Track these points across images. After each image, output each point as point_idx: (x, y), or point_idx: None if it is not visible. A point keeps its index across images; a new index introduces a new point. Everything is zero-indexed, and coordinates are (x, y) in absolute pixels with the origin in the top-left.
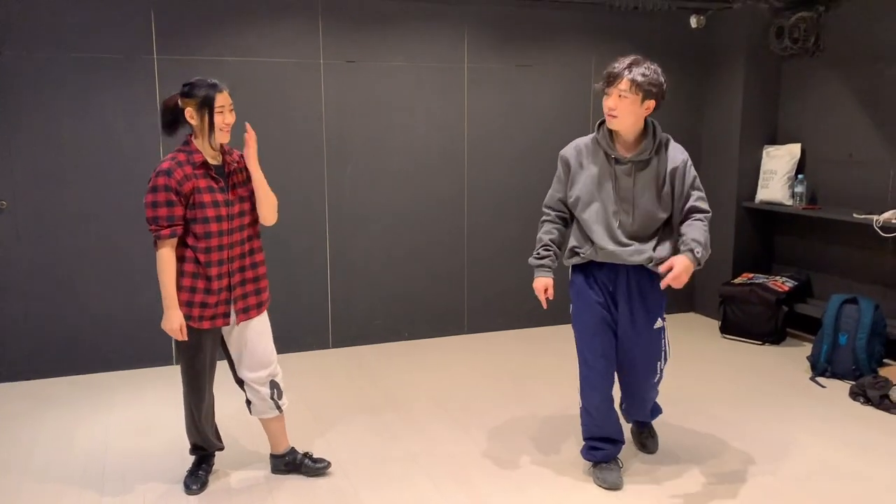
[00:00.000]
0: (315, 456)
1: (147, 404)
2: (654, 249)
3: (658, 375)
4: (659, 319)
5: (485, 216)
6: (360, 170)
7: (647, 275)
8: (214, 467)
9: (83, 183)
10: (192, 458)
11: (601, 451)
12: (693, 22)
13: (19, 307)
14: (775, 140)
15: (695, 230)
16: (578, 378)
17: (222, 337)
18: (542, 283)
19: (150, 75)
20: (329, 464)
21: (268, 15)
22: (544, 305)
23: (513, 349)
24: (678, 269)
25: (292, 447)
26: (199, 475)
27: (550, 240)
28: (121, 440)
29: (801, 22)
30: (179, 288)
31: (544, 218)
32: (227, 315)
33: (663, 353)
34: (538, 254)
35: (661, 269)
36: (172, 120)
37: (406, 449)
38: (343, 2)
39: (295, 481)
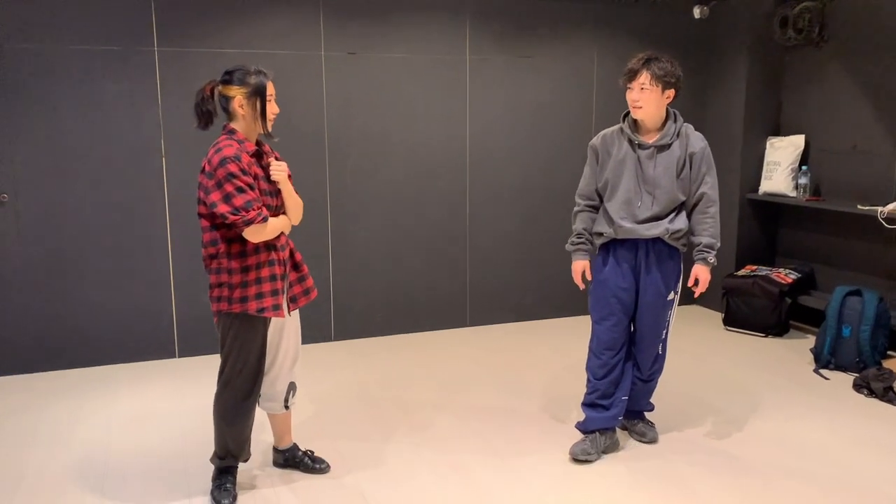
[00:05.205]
0: (315, 455)
1: (149, 397)
2: (671, 222)
3: (662, 344)
4: (672, 292)
5: (486, 208)
6: (362, 162)
7: (664, 246)
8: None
9: (84, 175)
10: (211, 467)
11: (586, 419)
12: (696, 13)
13: (20, 300)
14: (779, 131)
15: (706, 233)
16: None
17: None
18: (580, 266)
19: (151, 67)
20: (328, 466)
21: (268, 6)
22: (581, 286)
23: (514, 342)
24: (703, 283)
25: (295, 444)
26: (228, 488)
27: (584, 228)
28: (123, 433)
29: (806, 12)
30: (247, 283)
31: (576, 209)
32: (284, 305)
33: (667, 324)
34: (573, 241)
35: (689, 284)
36: (210, 110)
37: (408, 442)
38: None
39: (297, 474)
